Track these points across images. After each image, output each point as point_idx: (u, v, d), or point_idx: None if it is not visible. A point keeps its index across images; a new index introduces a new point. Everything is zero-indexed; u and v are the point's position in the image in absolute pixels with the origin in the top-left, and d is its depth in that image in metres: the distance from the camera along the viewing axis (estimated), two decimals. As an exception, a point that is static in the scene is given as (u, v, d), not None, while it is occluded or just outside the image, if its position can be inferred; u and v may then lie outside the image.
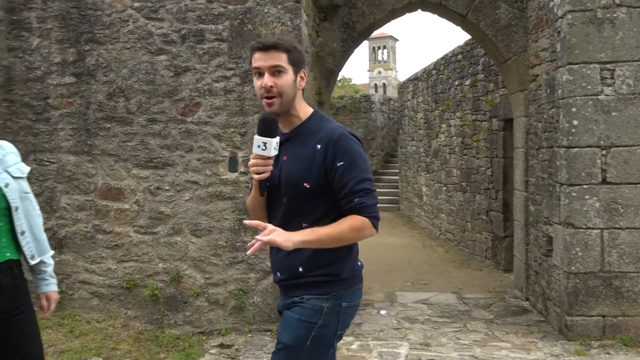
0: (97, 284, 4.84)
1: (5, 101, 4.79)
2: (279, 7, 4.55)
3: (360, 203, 1.88)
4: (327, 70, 5.82)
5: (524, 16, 5.69)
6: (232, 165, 4.69)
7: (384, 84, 59.84)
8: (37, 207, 2.19)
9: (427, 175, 11.48)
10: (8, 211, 2.02)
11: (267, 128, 1.86)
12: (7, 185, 2.03)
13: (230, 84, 4.62)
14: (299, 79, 1.96)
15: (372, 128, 16.58)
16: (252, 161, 1.89)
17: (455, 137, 9.47)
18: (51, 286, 2.25)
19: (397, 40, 63.25)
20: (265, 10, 4.57)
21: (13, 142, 4.84)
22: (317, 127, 1.95)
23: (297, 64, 1.95)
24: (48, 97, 4.78)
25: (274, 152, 1.86)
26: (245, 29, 4.59)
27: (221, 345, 4.45)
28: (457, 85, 9.31)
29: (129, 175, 4.75)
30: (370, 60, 62.89)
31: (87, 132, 4.76)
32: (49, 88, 4.77)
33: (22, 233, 2.07)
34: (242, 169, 4.65)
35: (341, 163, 1.88)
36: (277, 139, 1.87)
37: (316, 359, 1.96)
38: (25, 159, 4.81)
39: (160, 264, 4.76)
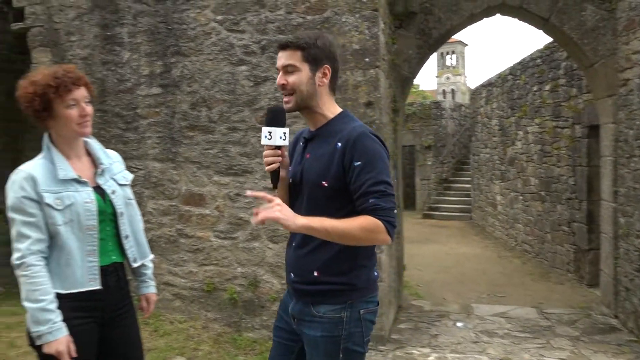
0: (179, 286, 5.04)
1: (99, 111, 5.11)
2: (357, 15, 4.57)
3: (374, 205, 1.79)
4: (402, 77, 5.78)
5: (612, 17, 5.39)
6: (309, 172, 4.73)
7: (452, 90, 58.63)
8: (139, 213, 2.31)
9: (502, 183, 11.10)
10: (114, 217, 2.14)
11: (272, 118, 1.89)
12: (113, 192, 2.15)
13: (308, 93, 4.68)
14: (319, 75, 1.90)
15: (443, 135, 16.26)
16: (264, 152, 1.91)
17: (533, 145, 9.10)
18: (151, 288, 2.36)
19: (466, 45, 61.84)
20: (343, 20, 4.60)
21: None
22: (340, 126, 1.90)
23: (314, 61, 1.90)
24: (137, 107, 5.05)
25: (280, 142, 1.86)
26: (323, 38, 4.64)
27: (297, 351, 4.49)
28: (535, 91, 8.96)
29: (210, 181, 4.92)
30: (438, 66, 61.86)
31: (172, 140, 4.99)
32: (137, 99, 5.04)
33: (126, 237, 2.18)
34: (318, 177, 4.69)
35: (358, 163, 1.81)
36: (285, 129, 1.87)
37: None
38: (115, 165, 5.13)
39: (238, 269, 4.88)
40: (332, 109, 1.98)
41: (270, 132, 1.86)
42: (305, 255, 1.92)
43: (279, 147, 1.90)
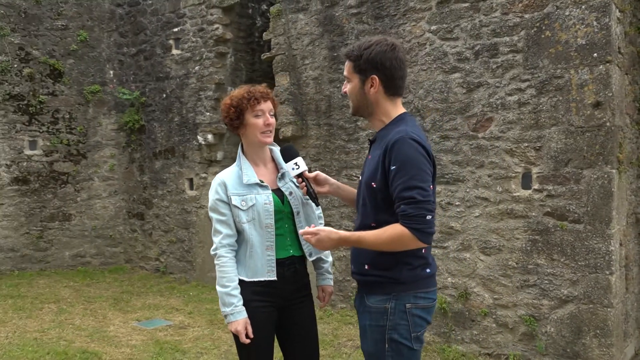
0: (392, 291, 5.21)
1: (326, 125, 5.67)
2: (583, 7, 4.10)
3: (402, 212, 1.89)
4: (652, 72, 4.91)
5: None
6: (526, 181, 4.42)
7: None
8: (318, 211, 2.54)
9: None
10: (292, 215, 2.41)
11: (285, 155, 2.32)
12: (290, 194, 2.42)
13: (524, 97, 4.38)
14: (367, 86, 2.05)
15: None
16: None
17: None
18: (327, 280, 2.56)
19: None
20: (567, 13, 4.18)
21: (330, 159, 5.66)
22: (391, 129, 2.03)
23: (362, 71, 2.05)
24: (357, 120, 5.43)
25: (294, 172, 2.30)
26: (543, 36, 4.29)
27: (507, 372, 4.21)
28: None
29: (422, 190, 4.98)
30: None
31: (387, 149, 5.21)
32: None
33: None
34: (536, 186, 4.34)
35: (393, 167, 1.92)
36: (296, 159, 2.29)
37: None
38: (339, 174, 5.60)
39: (449, 279, 4.82)
40: (390, 113, 2.10)
41: (296, 163, 2.30)
42: (360, 250, 2.09)
43: (299, 176, 2.28)
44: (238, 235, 2.37)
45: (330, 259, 2.59)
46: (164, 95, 7.46)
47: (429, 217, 1.91)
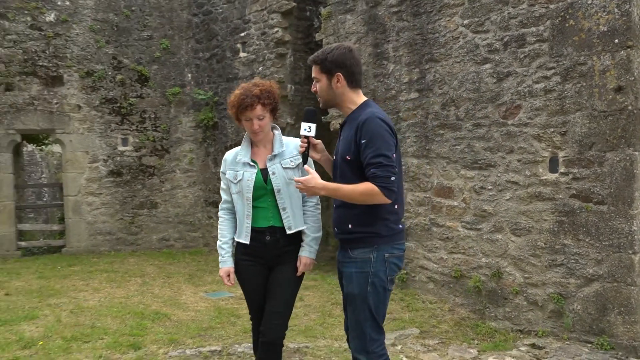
0: (432, 270, 5.56)
1: (372, 117, 6.09)
2: (605, -6, 4.22)
3: (373, 174, 2.36)
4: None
5: None
6: (553, 165, 4.60)
7: None
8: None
9: None
10: (274, 192, 2.83)
11: (304, 115, 2.59)
12: (273, 173, 2.83)
13: (550, 84, 4.56)
14: (334, 81, 2.52)
15: None
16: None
17: None
18: (304, 252, 2.89)
19: None
20: (589, 2, 4.31)
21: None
22: (360, 112, 2.51)
23: (328, 71, 2.50)
24: (399, 111, 5.82)
25: (304, 132, 2.57)
26: (567, 25, 4.45)
27: (532, 345, 4.44)
28: None
29: (457, 175, 5.28)
30: None
31: (425, 138, 5.56)
32: (399, 104, 5.81)
33: (284, 209, 2.83)
34: (562, 170, 4.51)
35: (364, 140, 2.39)
36: (311, 124, 2.57)
37: (379, 300, 2.49)
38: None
39: (482, 259, 5.09)
40: (355, 100, 2.60)
41: (310, 127, 2.59)
42: (343, 213, 2.56)
43: (306, 137, 2.59)
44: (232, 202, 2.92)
45: (315, 235, 2.91)
46: (233, 95, 8.23)
47: (392, 178, 2.37)
